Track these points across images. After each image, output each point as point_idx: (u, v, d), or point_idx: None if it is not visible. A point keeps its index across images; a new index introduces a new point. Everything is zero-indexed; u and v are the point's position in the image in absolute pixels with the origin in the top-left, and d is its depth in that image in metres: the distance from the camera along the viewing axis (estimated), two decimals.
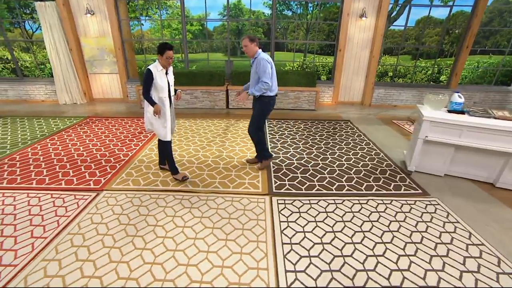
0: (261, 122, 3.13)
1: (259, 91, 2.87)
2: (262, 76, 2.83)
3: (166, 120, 2.79)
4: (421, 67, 7.75)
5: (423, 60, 8.91)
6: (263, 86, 2.84)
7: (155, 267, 1.91)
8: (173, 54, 2.62)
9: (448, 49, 5.38)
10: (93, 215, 2.44)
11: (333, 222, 2.42)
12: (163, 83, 2.68)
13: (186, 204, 2.62)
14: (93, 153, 3.63)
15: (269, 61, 2.88)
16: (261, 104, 3.03)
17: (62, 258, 1.96)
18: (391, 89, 6.05)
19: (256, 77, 2.91)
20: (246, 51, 2.88)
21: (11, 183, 2.89)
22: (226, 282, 1.81)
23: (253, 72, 2.94)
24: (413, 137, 3.35)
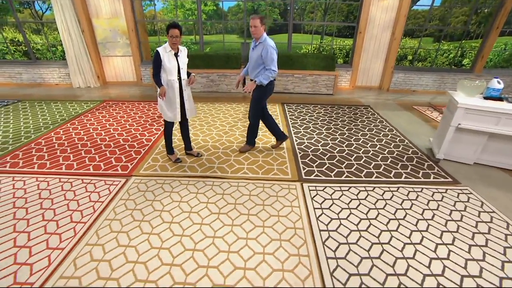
0: (261, 107, 3.12)
1: (267, 79, 2.83)
2: (270, 64, 2.78)
3: (173, 103, 2.75)
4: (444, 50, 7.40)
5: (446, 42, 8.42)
6: (271, 74, 2.80)
7: (196, 253, 1.93)
8: (178, 33, 2.49)
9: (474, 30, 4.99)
10: (126, 201, 2.45)
11: (367, 209, 2.42)
12: (171, 65, 2.61)
13: (218, 190, 2.62)
14: (116, 138, 3.62)
15: (274, 47, 2.82)
16: (262, 89, 2.96)
17: (104, 243, 2.00)
18: (411, 73, 5.87)
19: (260, 62, 2.85)
20: (255, 32, 2.77)
21: (42, 167, 2.91)
22: (270, 269, 1.83)
23: (256, 56, 2.84)
24: (442, 124, 3.27)
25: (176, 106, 2.78)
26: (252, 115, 3.15)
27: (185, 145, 3.21)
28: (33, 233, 2.06)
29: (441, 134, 3.20)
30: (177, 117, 2.83)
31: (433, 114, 4.72)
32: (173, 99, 2.74)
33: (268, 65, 2.79)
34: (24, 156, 3.14)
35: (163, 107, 2.79)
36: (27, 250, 1.91)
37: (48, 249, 1.93)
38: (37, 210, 2.30)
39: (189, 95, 2.89)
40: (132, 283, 1.70)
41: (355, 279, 1.78)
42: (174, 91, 2.71)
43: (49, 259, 1.85)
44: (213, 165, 3.03)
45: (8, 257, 1.86)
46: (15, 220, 2.18)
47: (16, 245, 1.95)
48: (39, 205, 2.36)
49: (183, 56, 2.72)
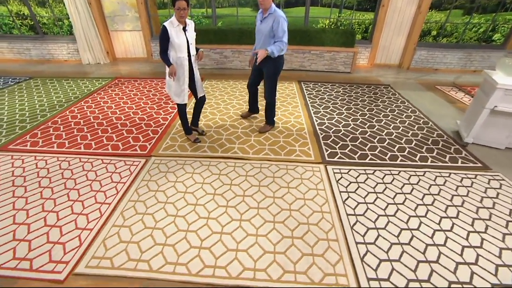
0: (276, 83, 3.00)
1: (278, 51, 2.68)
2: (282, 36, 2.63)
3: (184, 82, 2.62)
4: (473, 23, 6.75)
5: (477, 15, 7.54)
6: (282, 46, 2.67)
7: (224, 236, 1.92)
8: (185, 5, 2.29)
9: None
10: (148, 182, 2.43)
11: (393, 194, 2.35)
12: (180, 41, 2.43)
13: (241, 171, 2.57)
14: (131, 117, 3.55)
15: (285, 18, 2.65)
16: (275, 64, 2.84)
17: (131, 225, 2.00)
18: (435, 50, 5.51)
19: (271, 34, 2.69)
20: (263, 3, 2.59)
21: (61, 147, 2.89)
22: (300, 253, 1.82)
23: (266, 29, 2.67)
24: (473, 106, 3.09)
25: (184, 87, 2.65)
26: (268, 94, 3.03)
27: (192, 120, 3.12)
28: (61, 213, 2.07)
29: (471, 116, 3.04)
30: (185, 98, 2.72)
31: (457, 94, 4.48)
32: (182, 78, 2.60)
33: (279, 37, 2.64)
34: (43, 135, 3.11)
35: (172, 88, 2.67)
36: (58, 230, 1.92)
37: (77, 229, 1.94)
38: (62, 190, 2.30)
39: (197, 72, 2.76)
40: (162, 265, 1.71)
41: (386, 265, 1.76)
42: (183, 69, 2.56)
43: (79, 239, 1.86)
44: (233, 146, 2.96)
45: (41, 235, 1.88)
46: (42, 199, 2.19)
47: (47, 224, 1.97)
48: (63, 185, 2.36)
49: (191, 30, 2.54)
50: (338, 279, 1.67)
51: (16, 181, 2.38)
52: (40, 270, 1.66)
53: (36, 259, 1.72)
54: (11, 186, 2.32)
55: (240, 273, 1.68)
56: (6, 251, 1.77)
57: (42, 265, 1.68)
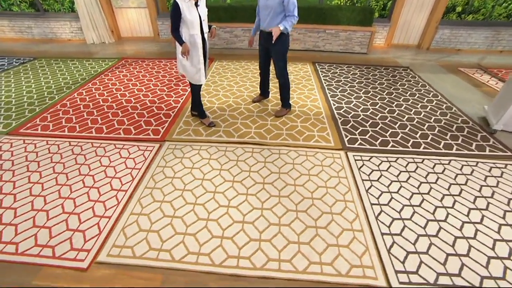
0: (286, 62, 2.89)
1: (291, 26, 2.55)
2: (293, 10, 2.51)
3: (199, 61, 2.47)
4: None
5: None
6: (294, 21, 2.54)
7: (246, 226, 1.87)
8: None
9: None
10: (163, 168, 2.36)
11: (418, 183, 2.26)
12: (193, 17, 2.27)
13: (259, 158, 2.49)
14: (141, 99, 3.43)
15: None
16: (284, 42, 2.72)
17: (149, 213, 1.95)
18: (459, 29, 5.16)
19: (280, 9, 2.55)
20: None
21: (72, 131, 2.81)
22: (325, 244, 1.76)
23: (275, 3, 2.52)
24: (504, 91, 2.90)
25: (200, 67, 2.51)
26: (281, 73, 2.90)
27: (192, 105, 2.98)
28: (78, 200, 2.02)
29: (502, 101, 2.86)
30: (201, 79, 2.59)
31: (483, 77, 4.24)
32: (196, 57, 2.46)
33: (291, 11, 2.51)
34: (53, 118, 3.02)
35: (187, 67, 2.52)
36: (76, 217, 1.89)
37: (95, 216, 1.90)
38: (77, 176, 2.24)
39: (208, 51, 2.61)
40: (184, 255, 1.67)
41: (413, 257, 1.70)
42: (197, 48, 2.41)
43: (98, 227, 1.83)
44: (249, 130, 2.85)
45: (61, 222, 1.85)
46: (58, 185, 2.14)
47: (65, 211, 1.93)
48: (77, 171, 2.30)
49: (203, 6, 2.38)
50: (365, 271, 1.62)
51: (31, 166, 2.33)
52: (62, 257, 1.63)
53: (58, 246, 1.69)
54: (26, 172, 2.27)
55: (265, 264, 1.64)
56: (28, 238, 1.74)
57: (64, 253, 1.66)
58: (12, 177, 2.22)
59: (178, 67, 2.62)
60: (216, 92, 3.64)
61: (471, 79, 4.18)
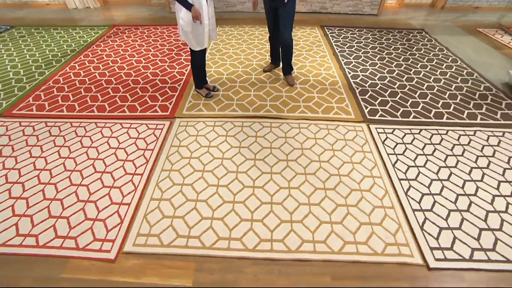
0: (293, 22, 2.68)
1: None
2: None
3: (204, 26, 2.22)
4: None
5: None
6: None
7: (275, 207, 1.79)
8: None
9: None
10: (178, 148, 2.21)
11: (444, 156, 2.18)
12: None
13: (279, 133, 2.34)
14: (142, 72, 3.14)
15: None
16: (293, 1, 2.53)
17: (170, 197, 1.84)
18: None
19: None
20: None
21: (72, 110, 2.57)
22: (357, 222, 1.71)
23: None
24: None
25: (204, 30, 2.25)
26: (288, 32, 2.67)
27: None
28: (91, 187, 1.89)
29: None
30: (204, 43, 2.34)
31: (504, 38, 4.02)
32: (203, 21, 2.20)
33: None
34: (47, 97, 2.75)
35: (189, 33, 2.26)
36: (93, 205, 1.77)
37: (113, 204, 1.78)
38: (86, 161, 2.08)
39: (212, 11, 2.33)
40: (215, 241, 1.60)
41: (446, 233, 1.67)
42: (201, 9, 2.14)
43: (119, 215, 1.72)
44: (264, 103, 2.67)
45: (78, 211, 1.73)
46: (67, 171, 1.99)
47: (80, 199, 1.80)
48: (85, 154, 2.14)
49: None
50: (401, 249, 1.59)
51: (33, 152, 2.15)
52: (87, 249, 1.55)
53: (80, 237, 1.60)
54: (30, 158, 2.09)
55: (299, 246, 1.59)
56: (47, 229, 1.63)
57: (88, 244, 1.57)
58: (15, 164, 2.05)
59: (180, 35, 2.34)
60: (223, 61, 3.35)
61: (491, 41, 3.96)
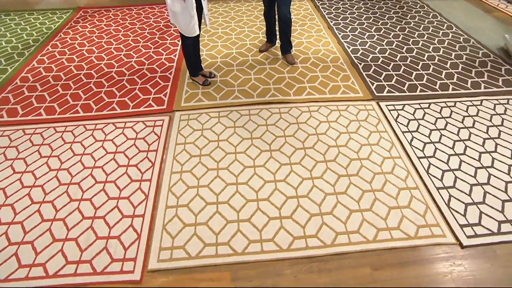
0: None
1: None
2: None
3: (192, 5, 1.96)
4: None
5: None
6: None
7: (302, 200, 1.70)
8: None
9: None
10: (184, 145, 2.02)
11: (456, 129, 2.17)
12: None
13: (289, 119, 2.20)
14: (125, 61, 2.80)
15: None
16: None
17: (188, 203, 1.68)
18: None
19: None
20: None
21: (51, 113, 2.24)
22: (386, 207, 1.67)
23: None
24: None
25: (193, 12, 1.99)
26: (288, 8, 2.46)
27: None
28: (95, 200, 1.68)
29: None
30: (195, 29, 2.08)
31: (492, 1, 3.99)
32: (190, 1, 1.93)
33: None
34: (17, 99, 2.37)
35: (178, 15, 1.99)
36: (102, 221, 1.58)
37: (125, 217, 1.60)
38: (82, 171, 1.84)
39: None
40: (246, 245, 1.49)
41: (472, 208, 1.68)
42: None
43: (134, 229, 1.55)
44: (268, 87, 2.49)
45: (85, 230, 1.53)
46: (62, 186, 1.75)
47: (85, 216, 1.60)
48: (79, 164, 1.88)
49: None
50: (432, 230, 1.58)
51: (16, 167, 1.86)
52: (106, 272, 1.38)
53: (96, 260, 1.42)
54: (14, 174, 1.81)
55: (334, 239, 1.53)
56: (54, 255, 1.43)
57: (106, 266, 1.40)
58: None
59: (170, 17, 2.06)
60: (214, 43, 3.06)
61: (481, 4, 3.93)
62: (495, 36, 3.23)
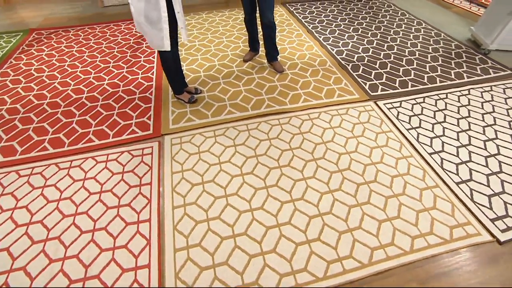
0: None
1: None
2: None
3: (160, 17, 1.65)
4: None
5: None
6: None
7: (327, 217, 1.53)
8: None
9: None
10: (182, 173, 1.76)
11: (455, 120, 2.18)
12: None
13: (292, 129, 2.04)
14: (96, 85, 2.46)
15: None
16: None
17: (200, 241, 1.43)
18: None
19: None
20: None
21: (11, 154, 1.85)
22: (414, 212, 1.56)
23: None
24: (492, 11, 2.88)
25: (162, 25, 1.68)
26: (271, 13, 2.28)
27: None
28: (84, 256, 1.36)
29: (492, 20, 2.86)
30: (165, 42, 1.75)
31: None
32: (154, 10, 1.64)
33: None
34: None
35: (143, 27, 1.72)
36: (97, 281, 1.27)
37: (126, 271, 1.31)
38: (61, 221, 1.50)
39: (180, 2, 1.74)
40: (278, 281, 1.29)
41: (496, 200, 1.64)
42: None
43: (139, 284, 1.27)
44: (261, 97, 2.32)
45: None
46: (37, 244, 1.39)
47: (73, 279, 1.27)
48: (56, 212, 1.54)
49: None
50: (466, 229, 1.50)
51: None
52: None
53: None
54: None
55: (371, 256, 1.37)
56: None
57: None
58: None
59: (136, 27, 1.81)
60: (193, 57, 2.84)
61: (440, 1, 4.18)
62: (460, 28, 3.41)
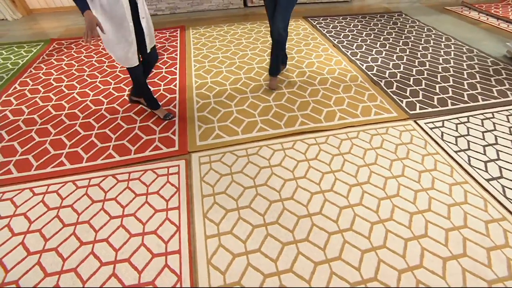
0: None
1: None
2: None
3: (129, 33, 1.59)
4: None
5: None
6: None
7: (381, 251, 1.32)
8: None
9: None
10: (213, 197, 1.57)
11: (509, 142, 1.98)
12: None
13: (330, 149, 1.86)
14: (116, 96, 2.34)
15: None
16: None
17: (240, 279, 1.23)
18: None
19: None
20: None
21: (26, 169, 1.69)
22: (482, 249, 1.34)
23: None
24: None
25: (130, 39, 1.61)
26: (286, 25, 2.13)
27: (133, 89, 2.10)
28: None
29: None
30: (134, 58, 1.70)
31: (472, 14, 4.16)
32: (123, 23, 1.55)
33: None
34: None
35: (109, 42, 1.61)
36: None
37: None
38: (78, 250, 1.32)
39: (146, 11, 1.69)
40: None
41: None
42: (123, 9, 1.50)
43: None
44: (294, 114, 2.16)
45: None
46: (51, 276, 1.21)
47: None
48: (73, 238, 1.36)
49: None
50: None
51: None
52: None
53: None
54: None
55: None
56: None
57: None
58: None
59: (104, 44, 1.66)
60: (217, 69, 2.71)
61: (464, 17, 4.06)
62: (492, 44, 3.27)
